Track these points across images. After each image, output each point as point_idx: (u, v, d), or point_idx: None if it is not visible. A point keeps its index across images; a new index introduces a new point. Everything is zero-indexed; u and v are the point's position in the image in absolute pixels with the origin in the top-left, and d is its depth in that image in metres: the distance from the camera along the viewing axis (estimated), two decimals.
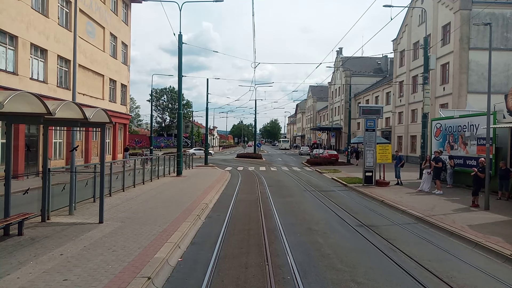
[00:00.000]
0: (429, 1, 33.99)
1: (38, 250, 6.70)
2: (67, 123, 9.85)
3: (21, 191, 8.77)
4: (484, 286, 6.09)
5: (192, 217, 10.05)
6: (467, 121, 17.24)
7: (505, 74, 29.78)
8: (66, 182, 10.05)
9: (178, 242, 7.67)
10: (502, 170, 13.77)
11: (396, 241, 8.48)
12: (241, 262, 6.86)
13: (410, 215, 11.49)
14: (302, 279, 6.04)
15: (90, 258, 6.36)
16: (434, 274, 6.38)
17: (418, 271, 6.57)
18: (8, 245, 7.00)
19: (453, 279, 6.19)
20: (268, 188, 17.66)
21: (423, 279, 6.14)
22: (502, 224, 10.00)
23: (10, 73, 17.82)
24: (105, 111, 9.04)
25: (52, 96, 20.34)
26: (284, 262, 6.91)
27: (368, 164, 18.41)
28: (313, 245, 8.13)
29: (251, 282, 5.93)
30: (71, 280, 5.38)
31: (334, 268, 6.64)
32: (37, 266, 5.91)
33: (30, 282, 5.28)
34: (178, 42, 21.24)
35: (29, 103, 7.28)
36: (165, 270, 6.21)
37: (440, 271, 6.55)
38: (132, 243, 7.34)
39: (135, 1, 32.88)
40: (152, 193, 14.50)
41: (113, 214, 10.11)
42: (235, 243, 8.14)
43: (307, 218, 10.99)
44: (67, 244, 7.12)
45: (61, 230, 8.23)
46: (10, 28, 17.60)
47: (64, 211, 10.05)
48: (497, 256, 7.41)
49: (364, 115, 18.63)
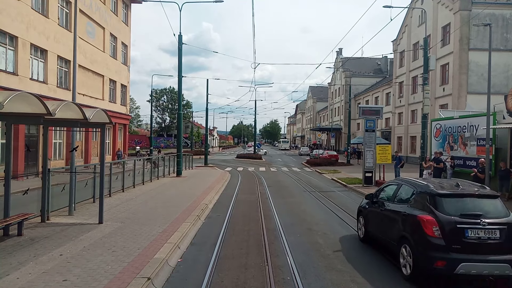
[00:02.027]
0: (429, 1, 34.02)
1: (37, 251, 6.70)
2: (67, 124, 9.85)
3: (21, 192, 8.77)
4: None
5: (192, 218, 10.04)
6: (466, 122, 17.23)
7: (505, 75, 29.80)
8: (66, 183, 10.05)
9: (178, 242, 7.67)
10: (502, 171, 13.77)
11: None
12: (241, 263, 6.86)
13: None
14: (302, 279, 6.04)
15: (89, 259, 6.36)
16: None
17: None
18: (7, 246, 7.00)
19: None
20: (268, 189, 17.66)
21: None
22: None
23: (10, 73, 17.82)
24: (105, 112, 9.04)
25: (52, 96, 20.33)
26: (284, 262, 6.91)
27: (368, 165, 18.43)
28: (313, 245, 8.13)
29: (251, 283, 5.93)
30: (70, 281, 5.38)
31: (334, 269, 6.64)
32: (37, 266, 5.91)
33: (29, 282, 5.28)
34: (178, 42, 21.25)
35: (29, 104, 7.28)
36: (164, 271, 6.21)
37: None
38: (132, 244, 7.34)
39: (135, 2, 32.89)
40: (151, 193, 14.50)
41: (113, 214, 10.11)
42: (235, 244, 8.14)
43: (307, 219, 10.99)
44: (66, 245, 7.12)
45: (60, 230, 8.23)
46: (10, 29, 17.60)
47: (63, 211, 10.04)
48: None
49: (364, 115, 18.65)
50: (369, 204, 8.37)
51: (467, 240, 5.73)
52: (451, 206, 6.08)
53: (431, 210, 6.10)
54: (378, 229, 7.70)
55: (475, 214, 5.91)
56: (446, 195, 6.26)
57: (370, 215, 8.21)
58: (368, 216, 8.28)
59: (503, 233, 5.79)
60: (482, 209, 6.06)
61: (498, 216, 5.98)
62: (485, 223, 5.77)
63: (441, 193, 6.27)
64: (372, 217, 8.06)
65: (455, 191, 6.42)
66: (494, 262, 5.65)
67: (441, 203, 6.12)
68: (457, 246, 5.73)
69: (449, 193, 6.32)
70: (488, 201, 6.31)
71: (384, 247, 7.49)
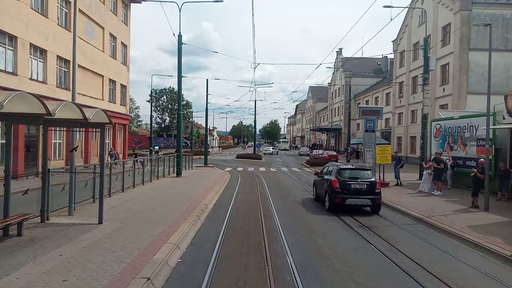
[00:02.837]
0: (429, 1, 34.01)
1: (37, 251, 6.69)
2: (67, 124, 9.84)
3: (21, 192, 8.75)
4: (484, 287, 6.08)
5: (191, 218, 10.03)
6: (466, 122, 17.25)
7: (505, 75, 29.77)
8: (66, 183, 10.04)
9: (178, 242, 7.66)
10: (502, 171, 13.77)
11: (395, 242, 8.48)
12: (240, 263, 6.86)
13: (409, 215, 11.49)
14: (302, 280, 6.03)
15: (89, 259, 6.35)
16: (434, 275, 6.37)
17: (418, 272, 6.56)
18: (7, 246, 6.99)
19: (453, 280, 6.18)
20: (267, 189, 17.65)
21: (423, 280, 6.13)
22: (501, 224, 10.00)
23: (10, 73, 17.81)
24: (104, 112, 9.03)
25: (51, 96, 20.29)
26: (284, 263, 6.90)
27: (368, 165, 18.39)
28: (313, 245, 8.13)
29: (251, 283, 5.92)
30: (70, 281, 5.37)
31: (334, 269, 6.63)
32: (36, 267, 5.90)
33: (29, 283, 5.27)
34: (177, 42, 21.23)
35: (28, 104, 7.27)
36: (164, 271, 6.20)
37: (439, 272, 6.54)
38: (132, 244, 7.33)
39: (135, 1, 32.84)
40: (151, 193, 14.49)
41: (113, 214, 10.10)
42: (235, 244, 8.14)
43: (306, 219, 10.98)
44: (66, 245, 7.11)
45: (60, 230, 8.22)
46: (9, 28, 17.57)
47: (63, 211, 10.03)
48: (497, 257, 7.40)
49: (364, 116, 18.62)
50: (317, 178, 14.35)
51: (350, 189, 11.73)
52: (345, 174, 12.21)
53: (336, 176, 12.07)
54: (319, 190, 13.63)
55: (355, 177, 12.07)
56: (343, 169, 12.46)
57: (316, 183, 14.21)
58: (316, 184, 14.35)
59: (368, 186, 11.80)
60: (359, 175, 12.21)
61: (367, 178, 12.06)
62: (360, 181, 11.86)
63: (341, 168, 12.54)
64: (317, 184, 14.00)
65: (348, 167, 12.87)
66: (362, 199, 11.79)
67: (341, 172, 12.22)
68: (346, 191, 11.70)
69: (345, 167, 12.69)
70: (363, 172, 12.52)
71: (321, 199, 13.27)
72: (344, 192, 11.61)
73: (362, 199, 11.73)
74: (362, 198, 11.72)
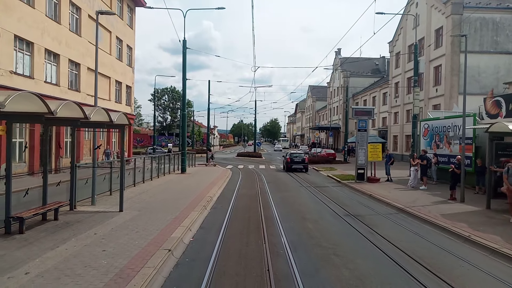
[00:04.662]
0: (423, 5, 35.32)
1: (75, 231, 8.08)
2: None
3: (54, 184, 10.14)
4: (442, 259, 7.45)
5: (199, 208, 11.42)
6: (451, 122, 18.61)
7: (495, 76, 31.05)
8: (88, 177, 11.44)
9: (189, 226, 9.04)
10: (479, 167, 15.10)
11: (376, 227, 9.86)
12: (243, 241, 8.25)
13: (393, 206, 12.87)
14: (292, 252, 7.41)
15: (119, 237, 7.74)
16: (403, 252, 7.73)
17: (391, 249, 7.92)
18: (48, 228, 8.38)
19: (416, 254, 7.54)
20: (267, 184, 19.04)
21: (393, 254, 7.50)
22: (471, 213, 11.38)
23: (27, 77, 19.18)
24: (125, 115, 10.40)
25: (63, 97, 21.60)
26: (278, 241, 8.29)
27: (360, 162, 19.77)
28: (304, 229, 9.52)
29: (251, 255, 7.31)
30: (108, 251, 6.75)
31: (320, 246, 8.02)
32: (78, 242, 7.29)
33: (77, 251, 6.66)
34: (182, 47, 22.60)
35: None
36: (181, 246, 7.58)
37: (408, 248, 7.90)
38: (151, 226, 8.72)
39: (139, 5, 34.18)
40: (160, 188, 15.88)
41: (130, 204, 11.47)
42: (238, 228, 9.52)
43: (301, 209, 12.37)
44: (97, 227, 8.50)
45: (88, 216, 9.61)
46: (27, 35, 18.95)
47: (86, 202, 11.42)
48: (458, 238, 8.79)
49: (356, 116, 19.99)
50: (285, 158, 28.87)
51: (294, 160, 27.29)
52: (292, 155, 28.05)
53: (287, 155, 28.22)
54: (285, 165, 28.06)
55: (296, 155, 28.13)
56: (291, 153, 28.92)
57: (284, 162, 28.73)
58: (284, 162, 29.38)
59: (300, 158, 27.51)
60: (298, 154, 28.73)
61: (300, 155, 28.39)
62: (297, 156, 27.85)
63: (290, 152, 29.50)
64: (285, 162, 28.15)
65: (294, 152, 31.99)
66: (299, 165, 27.23)
67: (290, 154, 28.38)
68: (292, 161, 27.20)
69: (291, 152, 30.35)
70: (301, 153, 29.58)
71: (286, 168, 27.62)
72: (290, 162, 27.12)
73: (299, 164, 27.16)
74: (299, 165, 27.15)
